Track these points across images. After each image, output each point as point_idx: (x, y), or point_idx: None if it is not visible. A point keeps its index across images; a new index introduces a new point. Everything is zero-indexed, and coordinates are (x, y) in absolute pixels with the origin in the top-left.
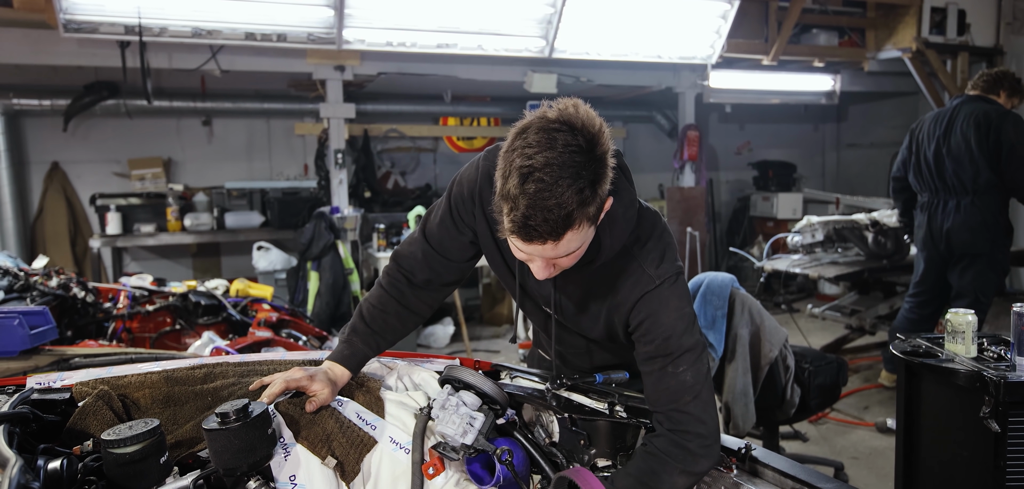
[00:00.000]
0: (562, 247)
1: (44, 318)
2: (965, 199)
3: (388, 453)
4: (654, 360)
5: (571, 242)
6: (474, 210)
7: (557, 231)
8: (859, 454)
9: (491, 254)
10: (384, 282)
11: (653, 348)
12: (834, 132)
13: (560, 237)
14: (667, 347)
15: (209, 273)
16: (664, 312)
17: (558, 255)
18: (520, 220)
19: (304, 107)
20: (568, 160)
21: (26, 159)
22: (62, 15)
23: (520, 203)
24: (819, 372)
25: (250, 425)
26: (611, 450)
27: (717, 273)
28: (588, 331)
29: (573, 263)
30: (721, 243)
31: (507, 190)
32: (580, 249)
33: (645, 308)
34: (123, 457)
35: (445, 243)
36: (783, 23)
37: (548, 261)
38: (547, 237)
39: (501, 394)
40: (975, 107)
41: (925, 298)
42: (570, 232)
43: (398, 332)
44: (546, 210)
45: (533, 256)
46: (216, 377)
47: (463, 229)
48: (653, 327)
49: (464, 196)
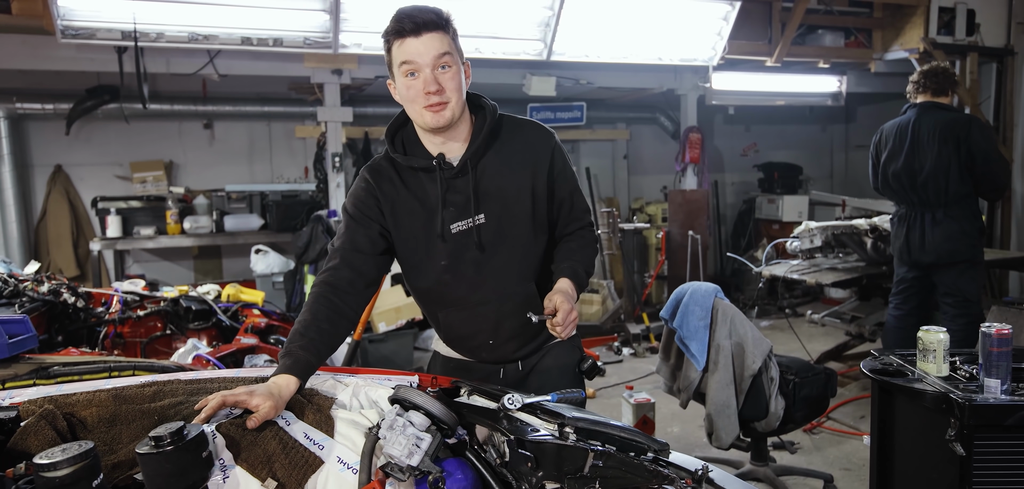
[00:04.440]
0: (439, 40)
1: (24, 326)
2: (939, 211)
3: (335, 473)
4: (574, 193)
5: (446, 43)
6: (377, 204)
7: (430, 18)
8: (851, 465)
9: (407, 215)
10: (310, 298)
11: (571, 184)
12: (842, 133)
13: (433, 27)
14: (575, 178)
15: (210, 275)
16: (566, 154)
17: (440, 51)
18: (398, 16)
19: (304, 109)
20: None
21: (29, 162)
22: (59, 22)
23: (399, 12)
24: (805, 384)
25: (182, 449)
26: (558, 473)
27: (700, 283)
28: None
29: (454, 86)
30: (725, 246)
31: (387, 28)
32: (455, 70)
33: (559, 153)
34: (54, 481)
35: (356, 240)
36: (787, 24)
37: (435, 75)
38: (424, 26)
39: (450, 415)
40: (935, 116)
41: (908, 295)
42: (440, 32)
43: (333, 337)
44: (419, 9)
45: (419, 60)
46: (165, 395)
47: (370, 224)
48: (567, 167)
49: (361, 197)
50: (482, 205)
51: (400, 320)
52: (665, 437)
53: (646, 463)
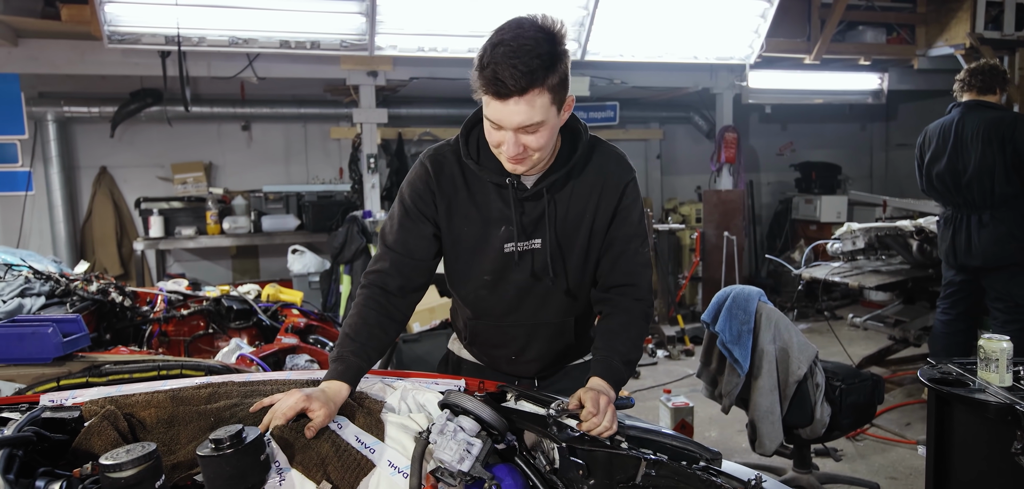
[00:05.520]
0: (529, 110)
1: (77, 325)
2: (986, 214)
3: (386, 477)
4: (631, 240)
5: (537, 108)
6: (433, 199)
7: (524, 84)
8: (898, 474)
9: (462, 220)
10: (360, 299)
11: (631, 230)
12: (882, 132)
13: (526, 91)
14: (641, 229)
15: (247, 275)
16: (639, 199)
17: (528, 123)
18: (491, 75)
19: (339, 111)
20: (533, 36)
21: (76, 164)
22: (106, 27)
23: (493, 56)
24: (852, 390)
25: (242, 452)
26: (610, 481)
27: (743, 286)
28: (570, 250)
29: (540, 145)
30: (761, 247)
31: (482, 57)
32: (545, 129)
33: (631, 192)
34: (119, 481)
35: (409, 244)
36: (826, 21)
37: (518, 137)
38: (516, 91)
39: (500, 420)
40: (980, 116)
41: (956, 299)
42: (536, 92)
43: (383, 341)
44: (513, 65)
45: (504, 125)
46: (220, 397)
47: (423, 223)
48: (634, 210)
49: (419, 190)
50: (541, 230)
51: (434, 320)
52: (702, 442)
53: (698, 472)
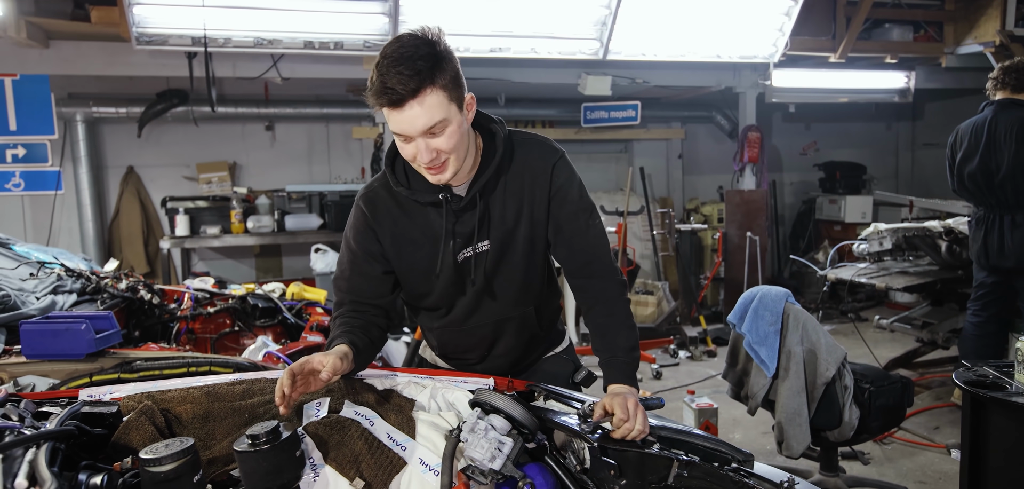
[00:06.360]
0: (426, 110)
1: (109, 322)
2: (1019, 214)
3: (417, 475)
4: (578, 216)
5: (434, 107)
6: (376, 236)
7: (413, 85)
8: (927, 478)
9: (410, 247)
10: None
11: (573, 207)
12: (909, 131)
13: (417, 92)
14: (584, 202)
15: (270, 273)
16: (574, 175)
17: (430, 123)
18: (380, 86)
19: (361, 111)
20: (412, 43)
21: (104, 163)
22: (135, 29)
23: (380, 70)
24: (881, 393)
25: (279, 448)
26: (641, 481)
27: (770, 287)
28: (516, 244)
29: (450, 146)
30: (784, 248)
31: (371, 77)
32: (451, 128)
33: (561, 172)
34: (159, 475)
35: (363, 289)
36: (852, 19)
37: (428, 143)
38: (408, 94)
39: (531, 419)
40: (1013, 114)
41: (987, 301)
42: (427, 91)
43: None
44: (399, 71)
45: (409, 133)
46: (254, 394)
47: (372, 263)
48: (570, 187)
49: (361, 231)
50: (486, 232)
51: None
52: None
53: (730, 474)
